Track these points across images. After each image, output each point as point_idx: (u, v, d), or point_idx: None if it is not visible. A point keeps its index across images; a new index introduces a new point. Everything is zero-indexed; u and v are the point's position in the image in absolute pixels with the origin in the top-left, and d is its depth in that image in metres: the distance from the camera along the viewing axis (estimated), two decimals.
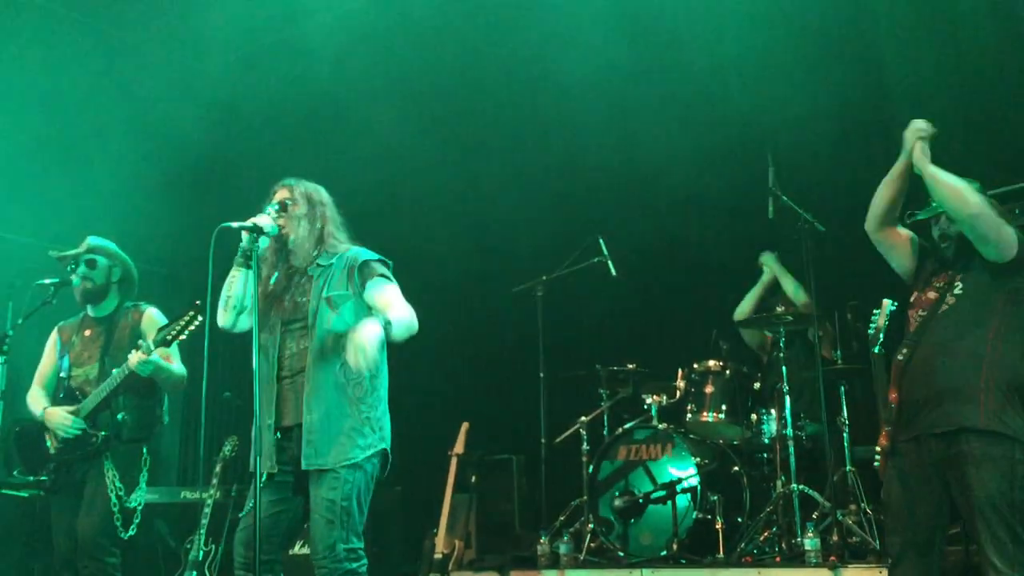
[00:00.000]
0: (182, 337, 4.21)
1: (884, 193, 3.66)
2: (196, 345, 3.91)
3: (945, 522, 3.41)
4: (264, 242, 3.58)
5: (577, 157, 6.81)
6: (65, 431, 4.39)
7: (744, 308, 5.85)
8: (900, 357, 3.47)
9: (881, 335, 3.54)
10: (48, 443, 4.50)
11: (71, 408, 4.44)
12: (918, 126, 3.59)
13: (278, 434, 3.55)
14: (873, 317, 3.62)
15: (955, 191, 3.41)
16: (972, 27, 5.64)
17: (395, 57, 6.95)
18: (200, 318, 4.10)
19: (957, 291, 3.44)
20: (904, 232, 3.72)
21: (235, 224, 3.49)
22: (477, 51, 6.77)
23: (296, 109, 7.34)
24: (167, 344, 4.24)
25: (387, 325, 3.41)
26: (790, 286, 5.60)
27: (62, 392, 4.55)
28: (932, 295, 3.52)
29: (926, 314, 3.48)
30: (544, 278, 5.85)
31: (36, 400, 4.60)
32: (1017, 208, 4.31)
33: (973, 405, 3.28)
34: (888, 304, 3.59)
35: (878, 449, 3.52)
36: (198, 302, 3.94)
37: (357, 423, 3.52)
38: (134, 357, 4.20)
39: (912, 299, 3.60)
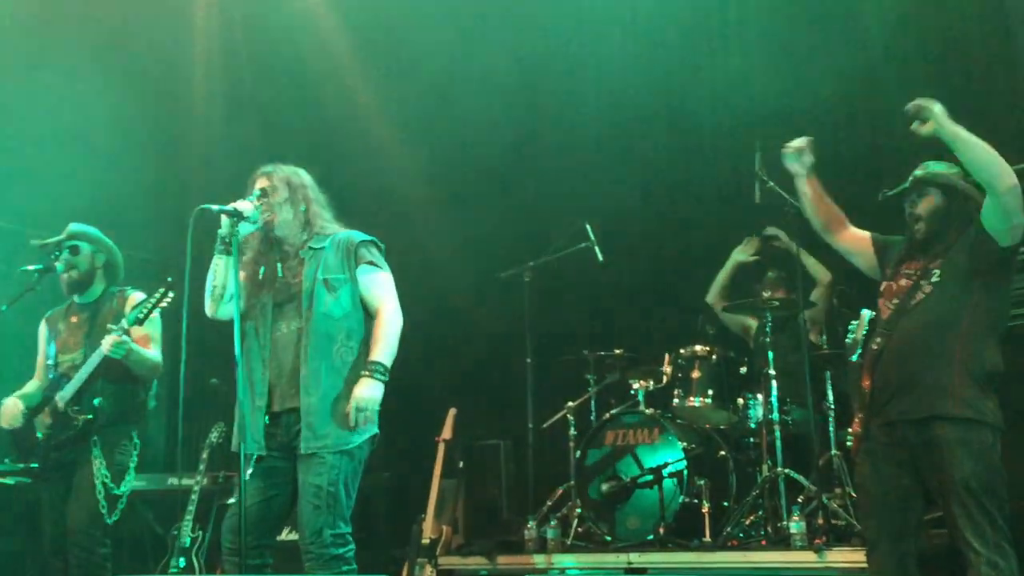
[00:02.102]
0: (154, 314, 4.21)
1: (806, 208, 3.76)
2: (178, 331, 3.89)
3: (920, 507, 3.42)
4: (244, 227, 3.56)
5: (564, 142, 6.80)
6: (11, 423, 4.42)
7: (715, 291, 5.85)
8: (874, 346, 3.46)
9: (859, 347, 3.53)
10: (38, 431, 4.49)
11: (23, 403, 4.48)
12: (795, 147, 3.67)
13: (267, 418, 3.55)
14: (851, 327, 3.60)
15: (995, 158, 3.27)
16: (960, 12, 5.65)
17: (381, 37, 6.92)
18: (172, 294, 4.10)
19: (935, 279, 3.42)
20: (858, 232, 3.76)
21: (215, 207, 3.47)
22: (467, 33, 6.74)
23: (279, 92, 7.30)
24: (140, 323, 4.23)
25: (385, 372, 3.54)
26: (811, 263, 5.51)
27: (52, 379, 4.54)
28: (904, 283, 3.50)
29: (899, 302, 3.46)
30: (531, 264, 5.83)
31: (27, 387, 4.61)
32: None
33: (945, 393, 3.29)
34: (867, 315, 3.58)
35: (851, 431, 3.55)
36: (170, 279, 3.93)
37: None
38: (108, 340, 4.20)
39: (882, 288, 3.59)
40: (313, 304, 3.57)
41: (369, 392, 3.49)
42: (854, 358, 3.49)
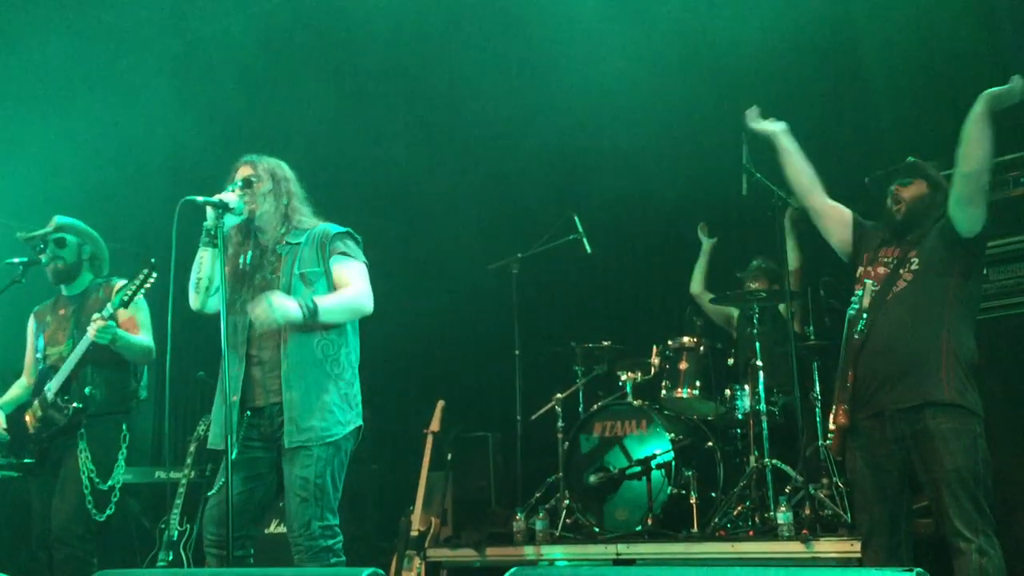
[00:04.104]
0: (139, 296, 4.19)
1: (786, 170, 3.83)
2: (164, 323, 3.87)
3: (909, 497, 3.46)
4: (230, 219, 3.54)
5: (553, 134, 6.79)
6: None
7: (697, 281, 5.90)
8: (856, 336, 3.48)
9: None
10: (30, 425, 4.46)
11: (2, 413, 4.50)
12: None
13: (248, 412, 3.54)
14: None
15: (987, 139, 3.31)
16: (946, 4, 5.66)
17: (363, 33, 6.88)
18: (155, 275, 4.10)
19: (914, 267, 3.45)
20: (837, 205, 3.77)
21: (200, 198, 3.45)
22: (451, 25, 6.71)
23: (265, 85, 7.27)
24: (125, 305, 4.21)
25: (312, 313, 3.40)
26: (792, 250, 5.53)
27: (40, 371, 4.51)
28: (882, 271, 3.52)
29: (878, 290, 3.48)
30: (519, 255, 5.83)
31: (10, 392, 4.59)
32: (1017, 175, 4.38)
33: (936, 380, 3.32)
34: None
35: (832, 427, 3.55)
36: (153, 260, 3.92)
37: (337, 399, 3.53)
38: (93, 326, 4.17)
39: (857, 274, 3.61)
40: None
41: (286, 304, 3.37)
42: None
